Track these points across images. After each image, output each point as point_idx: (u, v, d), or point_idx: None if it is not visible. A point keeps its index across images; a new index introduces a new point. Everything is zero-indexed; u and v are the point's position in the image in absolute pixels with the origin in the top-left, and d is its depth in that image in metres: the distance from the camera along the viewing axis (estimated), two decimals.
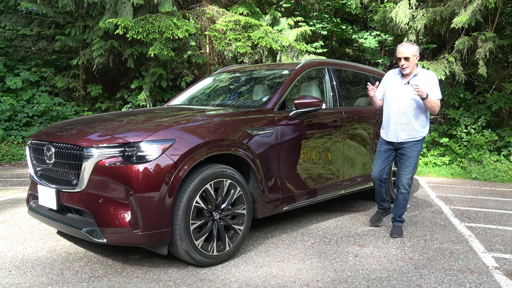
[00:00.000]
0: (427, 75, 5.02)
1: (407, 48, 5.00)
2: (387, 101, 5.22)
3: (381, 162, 5.28)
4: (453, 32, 11.29)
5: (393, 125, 5.12)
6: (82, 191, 3.90)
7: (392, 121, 5.14)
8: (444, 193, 7.93)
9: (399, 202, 5.25)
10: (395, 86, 5.15)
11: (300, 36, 11.74)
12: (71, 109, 12.85)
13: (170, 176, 3.80)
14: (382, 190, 5.43)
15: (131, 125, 4.16)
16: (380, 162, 5.28)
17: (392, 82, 5.20)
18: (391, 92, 5.16)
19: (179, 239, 3.88)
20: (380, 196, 5.49)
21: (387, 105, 5.23)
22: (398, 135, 5.11)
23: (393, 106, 5.12)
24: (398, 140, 5.12)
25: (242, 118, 4.63)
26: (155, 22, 10.24)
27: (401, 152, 5.17)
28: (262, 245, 4.81)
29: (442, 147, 11.56)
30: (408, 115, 5.05)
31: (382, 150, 5.29)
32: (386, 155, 5.27)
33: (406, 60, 4.98)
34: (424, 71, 5.08)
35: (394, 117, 5.11)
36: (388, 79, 5.27)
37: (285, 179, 4.93)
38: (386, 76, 5.34)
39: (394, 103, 5.12)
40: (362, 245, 4.89)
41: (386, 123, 5.23)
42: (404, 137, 5.09)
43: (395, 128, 5.11)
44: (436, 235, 5.29)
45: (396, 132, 5.11)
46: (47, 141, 4.31)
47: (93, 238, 3.81)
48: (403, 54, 4.98)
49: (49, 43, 13.65)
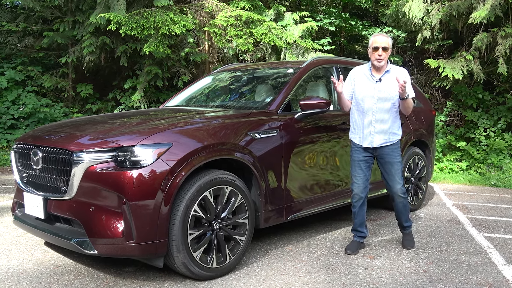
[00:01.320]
0: (400, 72, 4.86)
1: (384, 38, 4.83)
2: (357, 102, 4.93)
3: (363, 173, 4.96)
4: (470, 28, 11.28)
5: (367, 129, 4.88)
6: (71, 199, 3.90)
7: (366, 124, 4.88)
8: (461, 201, 7.92)
9: (401, 210, 5.10)
10: (366, 84, 4.90)
11: (306, 32, 11.75)
12: (60, 110, 12.87)
13: (166, 182, 3.81)
14: (364, 210, 5.08)
15: (124, 128, 4.17)
16: (362, 174, 4.96)
17: (361, 80, 4.95)
18: (362, 92, 4.90)
19: (176, 250, 3.88)
20: (361, 218, 5.07)
21: (358, 106, 4.94)
22: (373, 140, 4.87)
23: (366, 107, 4.87)
24: (373, 145, 4.87)
25: (243, 120, 4.63)
26: (150, 17, 10.27)
27: (382, 161, 4.96)
28: (265, 257, 4.81)
29: (458, 152, 11.55)
30: (383, 117, 4.84)
31: (360, 158, 4.96)
32: (366, 164, 4.97)
33: (384, 50, 4.78)
34: (395, 68, 4.94)
35: (368, 119, 4.87)
36: (357, 77, 4.99)
37: (290, 186, 4.93)
38: (352, 74, 5.05)
39: (366, 103, 4.86)
40: (372, 257, 4.88)
41: (358, 127, 4.96)
42: (379, 141, 4.86)
43: (370, 132, 4.87)
44: (452, 246, 5.29)
45: (370, 136, 4.87)
46: (34, 145, 4.31)
47: (83, 250, 3.81)
48: (382, 44, 4.78)
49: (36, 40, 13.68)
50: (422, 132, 6.94)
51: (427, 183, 7.28)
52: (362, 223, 5.08)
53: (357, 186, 4.96)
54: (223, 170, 4.30)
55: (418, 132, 6.83)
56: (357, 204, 5.01)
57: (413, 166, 6.74)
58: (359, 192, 4.96)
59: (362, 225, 5.09)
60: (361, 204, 5.01)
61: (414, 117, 6.79)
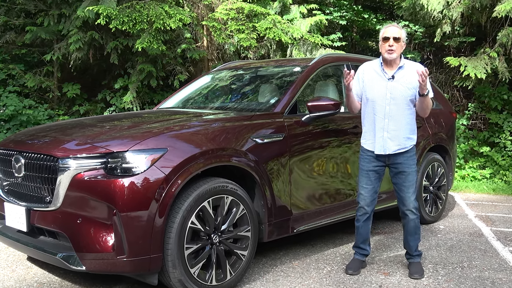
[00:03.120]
0: (416, 68, 4.59)
1: (396, 28, 4.66)
2: (368, 102, 4.78)
3: (372, 185, 4.84)
4: (495, 22, 11.27)
5: (379, 133, 4.72)
6: (57, 209, 3.91)
7: (378, 128, 4.73)
8: (485, 212, 7.91)
9: (411, 231, 4.91)
10: (377, 82, 4.74)
11: (314, 27, 11.75)
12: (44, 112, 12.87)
13: (161, 192, 3.81)
14: (369, 226, 4.97)
15: (114, 132, 4.18)
16: (371, 185, 4.84)
17: (372, 77, 4.79)
18: (372, 91, 4.74)
19: (172, 266, 3.89)
20: (365, 234, 4.96)
21: (369, 108, 4.79)
22: (386, 146, 4.71)
23: (378, 108, 4.71)
24: (386, 152, 4.72)
25: (246, 123, 4.65)
26: (143, 10, 10.28)
27: (395, 170, 4.82)
28: (269, 274, 4.81)
29: (482, 158, 11.53)
30: (397, 119, 4.69)
31: (370, 168, 4.82)
32: (376, 175, 4.84)
33: (396, 41, 4.60)
34: (411, 63, 4.79)
35: (380, 123, 4.71)
36: (366, 74, 4.84)
37: (296, 195, 4.94)
38: (361, 71, 4.89)
39: (378, 104, 4.71)
40: (387, 273, 4.88)
41: (369, 131, 4.82)
42: (393, 148, 4.70)
43: (382, 137, 4.71)
44: (475, 261, 5.28)
45: (383, 142, 4.72)
46: (16, 150, 4.32)
47: (70, 265, 3.82)
48: (393, 34, 4.60)
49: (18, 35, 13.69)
50: (441, 137, 6.94)
51: (447, 192, 7.28)
52: (365, 240, 4.99)
53: (364, 198, 4.87)
54: (223, 178, 4.31)
55: (437, 137, 6.83)
56: (361, 218, 4.91)
57: (432, 173, 6.74)
58: (365, 205, 4.87)
59: (365, 242, 5.00)
60: (366, 219, 4.91)
61: (433, 120, 6.78)
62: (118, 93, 13.17)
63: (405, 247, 5.04)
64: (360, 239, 4.97)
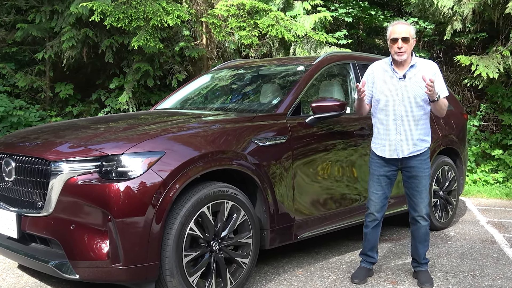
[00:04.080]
0: (428, 67, 4.70)
1: (404, 26, 4.63)
2: (378, 104, 4.77)
3: (383, 190, 4.83)
4: (508, 19, 11.29)
5: (392, 136, 4.70)
6: (49, 215, 3.91)
7: (389, 131, 4.71)
8: (497, 218, 7.91)
9: (421, 238, 4.90)
10: (388, 82, 4.73)
11: (319, 24, 11.76)
12: (36, 113, 12.88)
13: (158, 196, 3.81)
14: (378, 233, 4.98)
15: (109, 134, 4.19)
16: (381, 191, 4.83)
17: (382, 77, 4.78)
18: (383, 92, 4.73)
19: (169, 275, 3.89)
20: (373, 241, 4.97)
21: (380, 110, 4.79)
22: (399, 149, 4.69)
23: (389, 110, 4.70)
24: (399, 155, 4.70)
25: (247, 125, 4.65)
26: (139, 6, 10.29)
27: (408, 174, 4.80)
28: (271, 282, 4.81)
29: (494, 161, 11.52)
30: (410, 121, 4.66)
31: (381, 173, 4.82)
32: (387, 181, 4.83)
33: (405, 41, 4.57)
34: (423, 61, 4.79)
35: (392, 125, 4.69)
36: (376, 74, 4.84)
37: (300, 200, 4.94)
38: (371, 71, 4.91)
39: (389, 105, 4.69)
40: (395, 282, 4.88)
41: (381, 134, 4.79)
42: (406, 151, 4.68)
43: (395, 140, 4.69)
44: (487, 270, 5.28)
45: (396, 145, 4.69)
46: (6, 153, 4.33)
47: (62, 274, 3.82)
48: (401, 33, 4.57)
49: (8, 33, 13.70)
50: (452, 139, 6.93)
51: (458, 197, 7.28)
52: (373, 247, 4.99)
53: (373, 204, 4.86)
54: (223, 183, 4.31)
55: (447, 139, 6.83)
56: (370, 225, 4.92)
57: (442, 177, 6.74)
58: (374, 212, 4.87)
59: (373, 250, 5.00)
60: (376, 225, 4.92)
61: (443, 122, 6.77)
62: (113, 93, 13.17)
63: (413, 254, 5.03)
64: (368, 246, 4.97)
